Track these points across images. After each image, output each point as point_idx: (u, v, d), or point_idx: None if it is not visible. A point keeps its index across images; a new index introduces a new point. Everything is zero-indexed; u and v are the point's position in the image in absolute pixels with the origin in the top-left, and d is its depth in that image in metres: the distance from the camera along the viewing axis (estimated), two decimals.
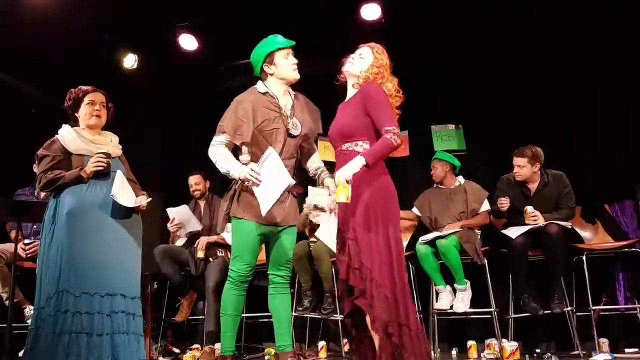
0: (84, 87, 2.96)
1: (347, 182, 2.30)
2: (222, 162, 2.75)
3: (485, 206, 4.13)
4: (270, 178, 2.58)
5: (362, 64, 2.62)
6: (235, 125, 2.75)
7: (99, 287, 2.64)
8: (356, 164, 2.35)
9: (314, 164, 3.05)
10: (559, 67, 4.45)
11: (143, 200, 2.87)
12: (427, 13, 4.24)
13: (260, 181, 2.58)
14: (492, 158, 4.66)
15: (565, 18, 4.12)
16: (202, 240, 4.18)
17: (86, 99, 2.91)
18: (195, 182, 4.47)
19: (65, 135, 2.86)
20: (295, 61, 2.84)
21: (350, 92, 2.68)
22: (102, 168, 2.78)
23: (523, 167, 3.91)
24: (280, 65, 2.82)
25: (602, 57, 4.34)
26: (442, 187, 4.30)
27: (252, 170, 2.60)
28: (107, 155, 2.82)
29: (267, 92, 2.85)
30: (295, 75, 2.85)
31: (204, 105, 4.85)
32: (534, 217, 3.79)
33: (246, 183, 2.66)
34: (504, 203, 3.91)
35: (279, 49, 2.82)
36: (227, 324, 2.79)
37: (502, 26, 4.34)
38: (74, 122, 2.95)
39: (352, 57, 2.66)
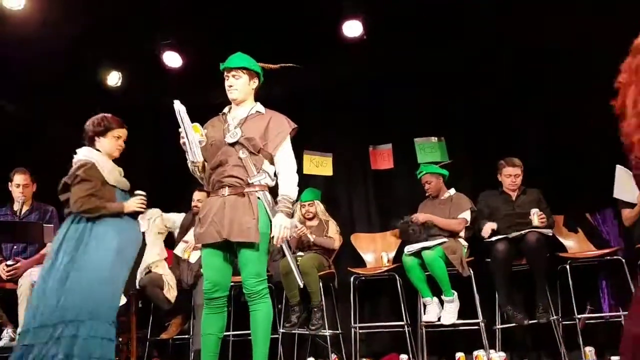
0: (116, 119, 3.03)
1: None
2: None
3: (464, 215, 4.15)
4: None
5: None
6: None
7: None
8: None
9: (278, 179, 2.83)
10: (542, 77, 4.55)
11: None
12: (408, 29, 4.31)
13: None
14: (475, 169, 4.72)
15: (549, 28, 4.22)
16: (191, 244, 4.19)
17: (115, 132, 2.99)
18: (199, 198, 4.45)
19: (103, 164, 2.91)
20: (228, 84, 2.79)
21: None
22: (142, 211, 2.94)
23: (518, 177, 4.05)
24: None
25: (586, 66, 4.43)
26: (434, 199, 4.34)
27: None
28: (146, 196, 2.96)
29: (224, 111, 2.88)
30: (229, 97, 2.82)
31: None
32: (542, 218, 3.83)
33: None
34: (488, 231, 3.95)
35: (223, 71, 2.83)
36: (205, 344, 2.69)
37: (483, 40, 4.43)
38: (90, 144, 2.99)
39: None
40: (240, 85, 2.78)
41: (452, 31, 4.30)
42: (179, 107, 2.60)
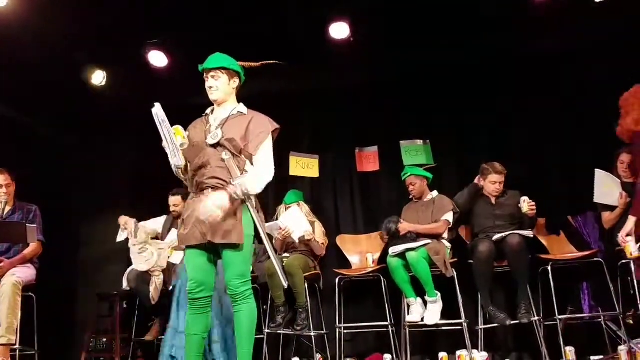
0: None
1: None
2: None
3: (447, 217, 4.20)
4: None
5: None
6: None
7: None
8: None
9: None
10: (527, 81, 4.61)
11: None
12: (394, 31, 4.34)
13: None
14: (460, 172, 4.77)
15: (535, 33, 4.29)
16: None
17: None
18: (175, 203, 4.45)
19: None
20: (208, 85, 2.78)
21: None
22: None
23: (502, 183, 4.12)
24: None
25: (571, 71, 4.52)
26: (417, 201, 4.38)
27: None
28: None
29: (207, 112, 2.87)
30: (210, 98, 2.81)
31: (173, 122, 4.84)
32: (532, 206, 3.86)
33: None
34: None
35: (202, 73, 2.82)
36: (188, 344, 2.69)
37: (469, 43, 4.48)
38: None
39: None
40: (220, 85, 2.77)
41: (439, 34, 4.34)
42: (157, 111, 2.56)
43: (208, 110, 2.87)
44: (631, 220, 3.07)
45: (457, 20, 4.17)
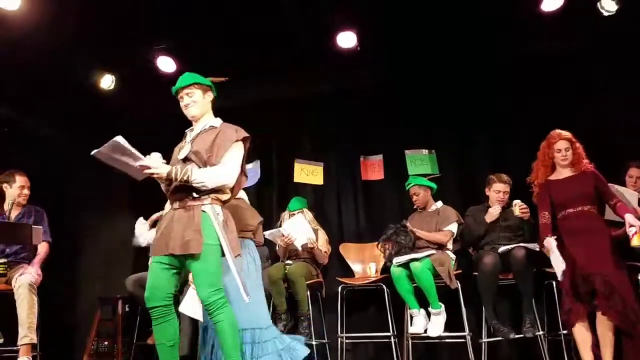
0: None
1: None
2: None
3: (451, 227, 4.17)
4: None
5: None
6: None
7: None
8: None
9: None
10: (528, 91, 4.60)
11: None
12: (401, 41, 4.35)
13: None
14: (464, 182, 4.76)
15: (540, 40, 4.29)
16: None
17: None
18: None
19: None
20: (184, 104, 2.84)
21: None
22: None
23: (506, 193, 4.09)
24: None
25: (575, 80, 4.50)
26: (421, 211, 4.36)
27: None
28: None
29: (186, 131, 2.93)
30: (188, 115, 2.87)
31: (179, 127, 4.86)
32: (524, 209, 3.83)
33: None
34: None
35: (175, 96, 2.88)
36: (159, 353, 2.74)
37: (475, 52, 4.48)
38: None
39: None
40: (196, 100, 2.82)
41: (446, 42, 4.35)
42: (118, 141, 2.57)
43: (188, 130, 2.92)
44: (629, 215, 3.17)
45: (456, 20, 4.17)
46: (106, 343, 4.43)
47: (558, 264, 3.23)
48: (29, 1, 3.70)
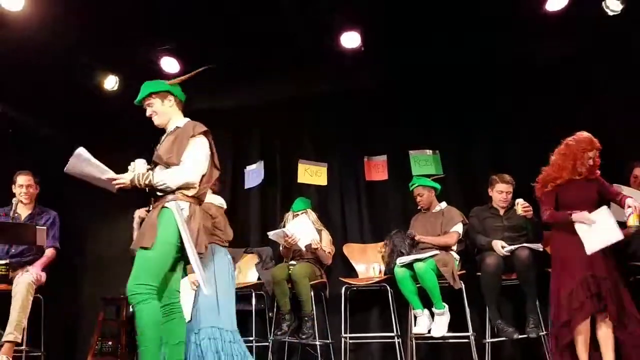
0: None
1: None
2: None
3: (457, 228, 4.17)
4: None
5: None
6: None
7: None
8: None
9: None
10: (529, 93, 4.60)
11: None
12: (401, 41, 4.35)
13: None
14: (464, 182, 4.76)
15: (537, 37, 4.28)
16: None
17: None
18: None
19: None
20: (148, 115, 2.89)
21: None
22: None
23: (509, 194, 4.08)
24: None
25: (575, 82, 4.49)
26: (426, 211, 4.36)
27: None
28: None
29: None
30: (156, 125, 2.92)
31: None
32: (526, 208, 3.78)
33: None
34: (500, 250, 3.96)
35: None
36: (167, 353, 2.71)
37: (476, 52, 4.47)
38: None
39: None
40: (157, 110, 2.86)
41: (446, 43, 4.35)
42: (80, 152, 2.64)
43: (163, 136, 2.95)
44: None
45: (456, 20, 4.17)
46: (110, 343, 4.43)
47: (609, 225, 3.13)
48: (33, 2, 3.71)
